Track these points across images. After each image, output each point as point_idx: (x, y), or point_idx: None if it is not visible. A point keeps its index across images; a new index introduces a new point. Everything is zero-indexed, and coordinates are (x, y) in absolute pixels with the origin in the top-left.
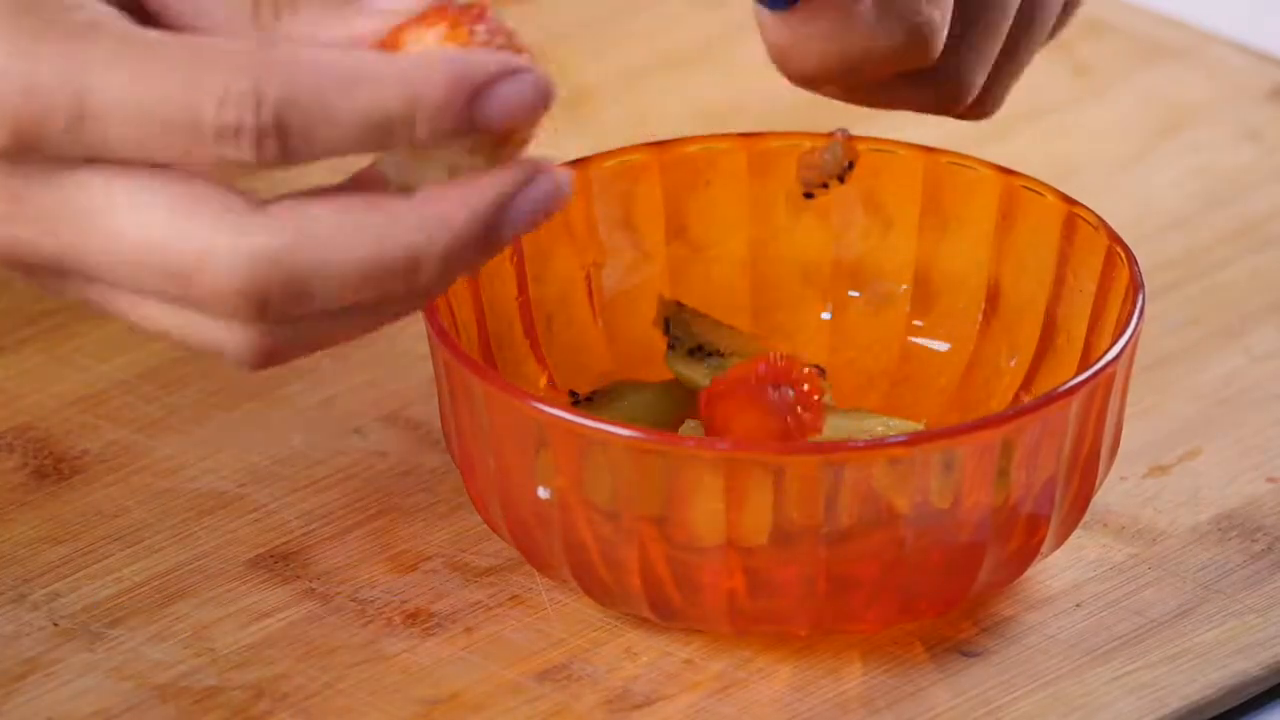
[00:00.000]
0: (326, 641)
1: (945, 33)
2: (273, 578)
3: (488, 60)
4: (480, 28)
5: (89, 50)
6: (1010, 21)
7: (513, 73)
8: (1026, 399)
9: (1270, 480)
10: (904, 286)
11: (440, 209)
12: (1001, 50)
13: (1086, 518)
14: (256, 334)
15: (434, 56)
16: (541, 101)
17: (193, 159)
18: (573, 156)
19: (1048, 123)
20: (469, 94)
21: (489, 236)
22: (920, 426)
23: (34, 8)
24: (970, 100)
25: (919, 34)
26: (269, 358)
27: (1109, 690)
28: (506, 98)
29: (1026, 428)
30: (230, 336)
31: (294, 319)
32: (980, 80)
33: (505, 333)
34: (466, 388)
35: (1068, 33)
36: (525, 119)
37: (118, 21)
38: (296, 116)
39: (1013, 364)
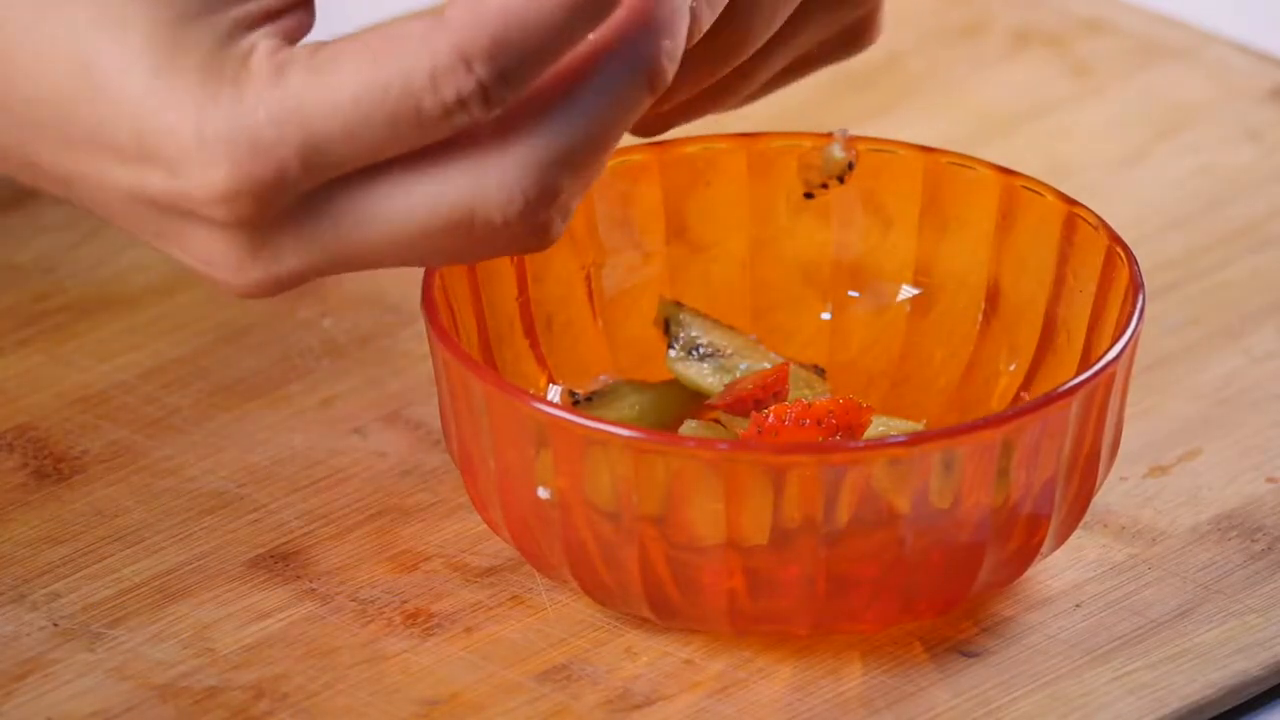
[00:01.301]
0: (326, 641)
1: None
2: (273, 578)
3: None
4: None
5: (283, 90)
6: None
7: None
8: (1026, 399)
9: (1270, 480)
10: (904, 286)
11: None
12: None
13: (1086, 518)
14: (500, 159)
15: None
16: None
17: (429, 139)
18: None
19: (1048, 123)
20: None
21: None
22: (920, 426)
23: (183, 58)
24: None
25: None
26: (530, 185)
27: (1109, 690)
28: None
29: (1026, 428)
30: (479, 172)
31: (524, 122)
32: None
33: (505, 333)
34: (466, 388)
35: (1068, 33)
36: None
37: (276, 49)
38: (508, 58)
39: (1013, 365)
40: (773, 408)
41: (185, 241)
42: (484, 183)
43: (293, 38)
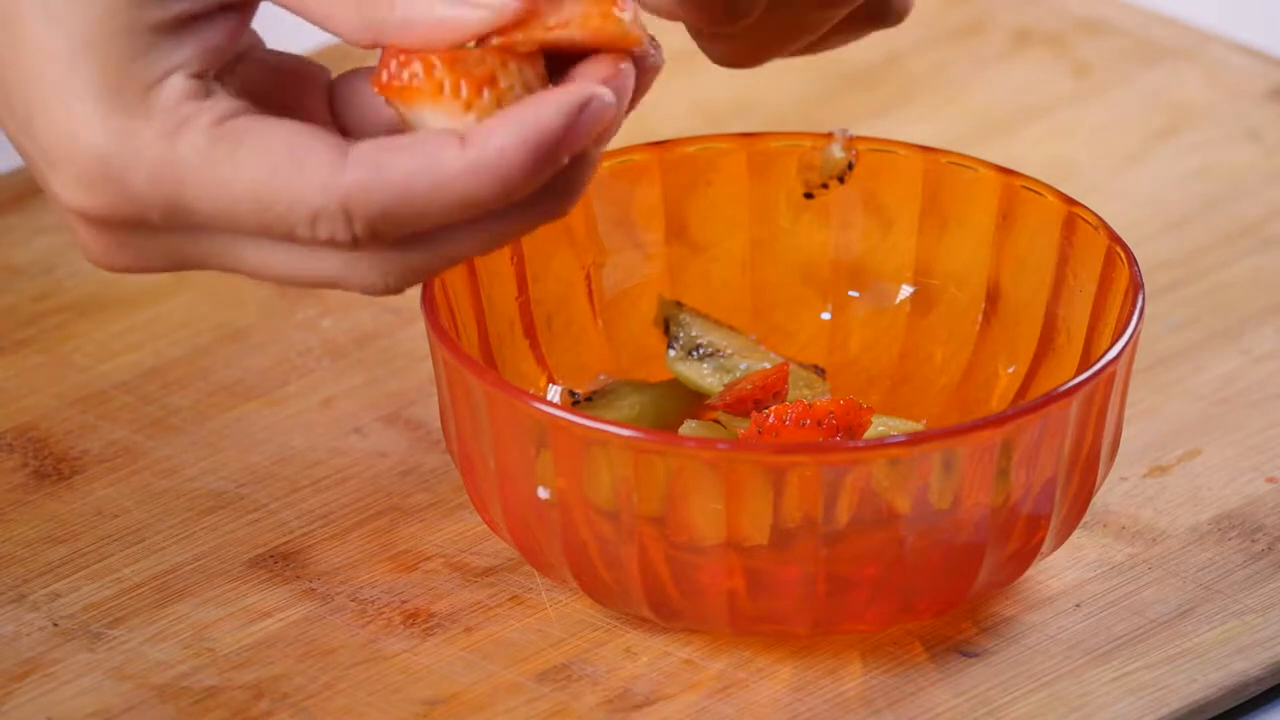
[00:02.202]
0: (326, 641)
1: None
2: (273, 578)
3: (549, 113)
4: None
5: (172, 154)
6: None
7: (579, 108)
8: (1026, 399)
9: (1270, 480)
10: (904, 286)
11: (497, 154)
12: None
13: (1086, 518)
14: (370, 259)
15: (502, 133)
16: (617, 109)
17: (294, 241)
18: None
19: (1048, 123)
20: (550, 154)
21: (547, 162)
22: (920, 426)
23: (96, 62)
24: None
25: None
26: (393, 280)
27: (1109, 690)
28: (586, 128)
29: (1026, 428)
30: (346, 264)
31: (394, 243)
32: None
33: (505, 333)
34: (466, 388)
35: (1068, 33)
36: (609, 127)
37: (187, 94)
38: (389, 226)
39: (1012, 366)
40: (773, 408)
41: (61, 217)
42: (351, 271)
43: (217, 51)
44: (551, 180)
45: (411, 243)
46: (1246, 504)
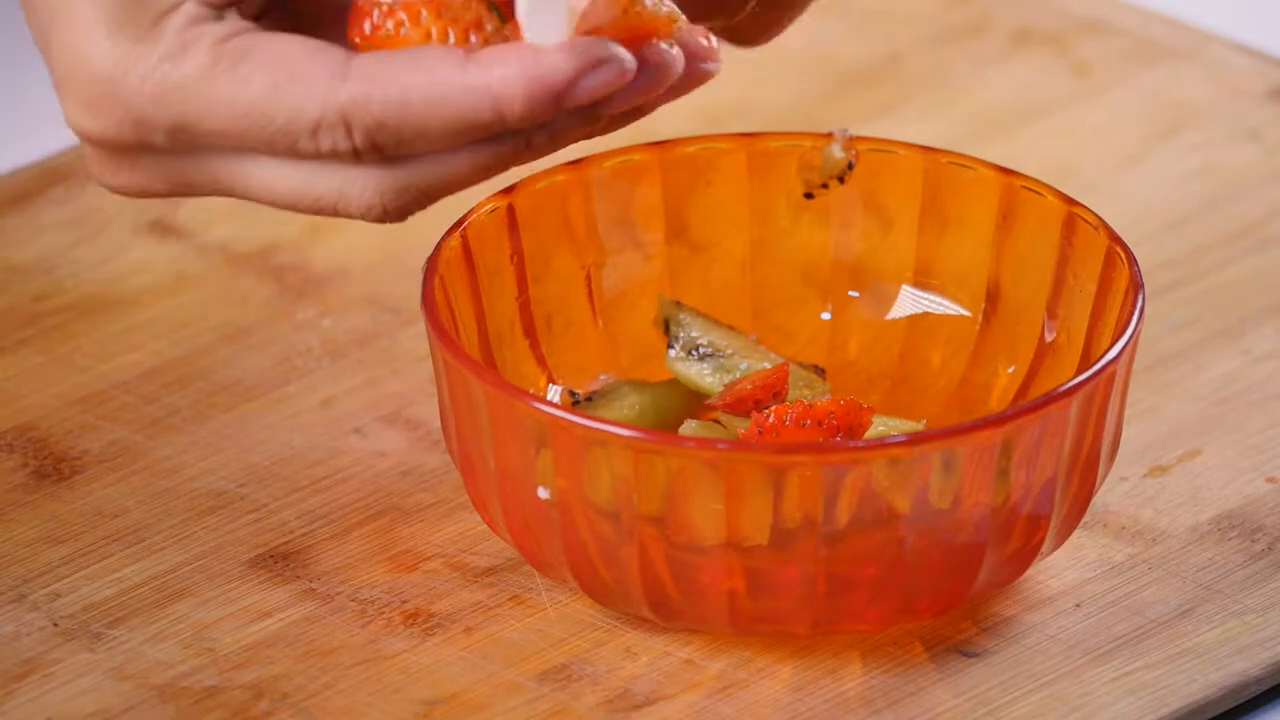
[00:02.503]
0: (326, 641)
1: None
2: (273, 578)
3: (562, 59)
4: None
5: (177, 74)
6: None
7: (593, 66)
8: (1026, 399)
9: (1270, 480)
10: (904, 286)
11: (499, 81)
12: None
13: (1086, 518)
14: (369, 175)
15: (507, 62)
16: (625, 77)
17: (297, 157)
18: (573, 157)
19: (1048, 123)
20: (550, 97)
21: (545, 104)
22: (920, 426)
23: (134, 15)
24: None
25: None
26: (390, 200)
27: (1109, 690)
28: (594, 85)
29: (1026, 428)
30: (347, 181)
31: (397, 158)
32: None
33: (505, 333)
34: (466, 388)
35: (1068, 33)
36: (613, 95)
37: (194, 19)
38: (388, 137)
39: (1012, 366)
40: (773, 408)
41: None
42: (350, 189)
43: None
44: (552, 122)
45: (409, 162)
46: (1246, 504)
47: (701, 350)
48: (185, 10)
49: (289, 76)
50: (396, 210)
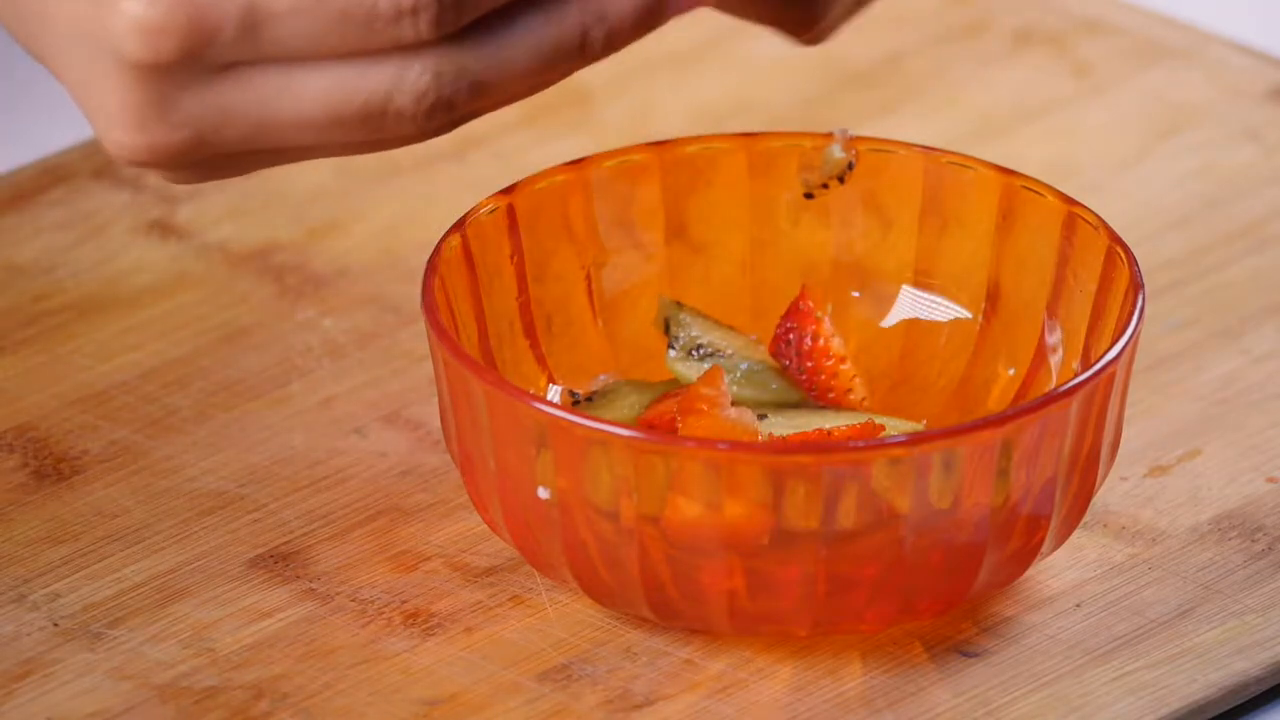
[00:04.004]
0: (326, 641)
1: None
2: (273, 578)
3: None
4: None
5: None
6: None
7: None
8: (1026, 399)
9: (1270, 480)
10: (904, 287)
11: None
12: None
13: (1086, 518)
14: (425, 58)
15: None
16: None
17: (369, 45)
18: (573, 156)
19: (1048, 123)
20: None
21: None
22: (920, 426)
23: None
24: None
25: None
26: (446, 84)
27: (1109, 690)
28: None
29: (1026, 428)
30: (400, 69)
31: (456, 36)
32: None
33: (505, 333)
34: (466, 388)
35: (1068, 33)
36: None
37: None
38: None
39: (1012, 366)
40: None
41: (90, 84)
42: (407, 75)
43: None
44: (608, 13)
45: (468, 42)
46: (1246, 504)
47: (702, 350)
48: None
49: None
50: (446, 103)
